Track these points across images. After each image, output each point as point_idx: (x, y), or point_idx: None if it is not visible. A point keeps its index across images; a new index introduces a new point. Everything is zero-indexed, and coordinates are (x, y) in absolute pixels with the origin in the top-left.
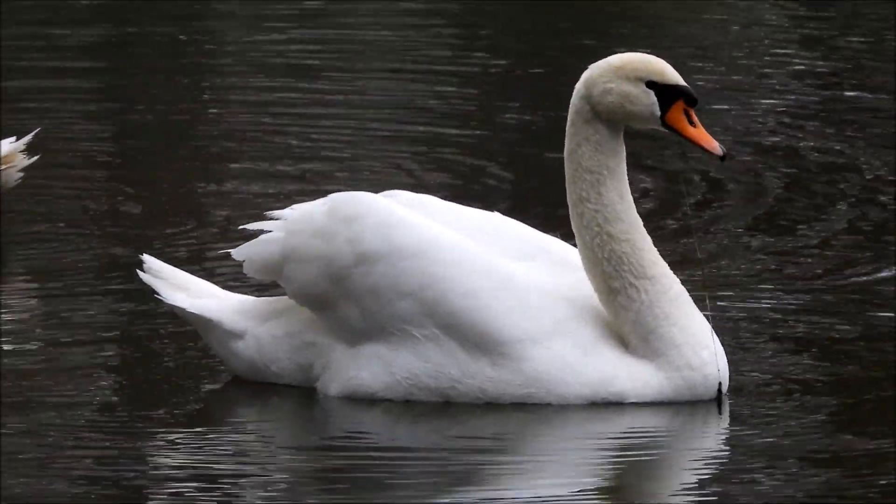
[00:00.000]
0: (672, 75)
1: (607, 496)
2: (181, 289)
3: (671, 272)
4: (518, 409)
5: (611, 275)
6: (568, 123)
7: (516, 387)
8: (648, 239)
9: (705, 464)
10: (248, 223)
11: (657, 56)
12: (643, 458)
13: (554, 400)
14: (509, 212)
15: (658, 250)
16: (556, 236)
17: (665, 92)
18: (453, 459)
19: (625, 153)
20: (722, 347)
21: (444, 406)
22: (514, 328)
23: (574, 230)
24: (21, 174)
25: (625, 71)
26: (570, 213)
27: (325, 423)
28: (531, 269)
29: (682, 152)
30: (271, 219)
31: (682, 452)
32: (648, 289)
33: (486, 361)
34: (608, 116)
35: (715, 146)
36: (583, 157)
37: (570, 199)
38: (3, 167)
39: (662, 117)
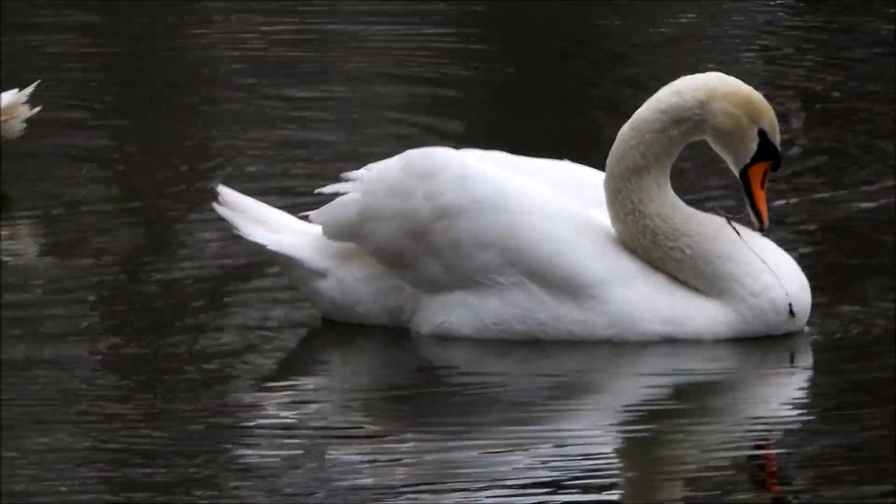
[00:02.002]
0: (777, 136)
1: (658, 432)
2: (260, 222)
3: (705, 216)
4: (603, 346)
5: (648, 248)
6: (654, 107)
7: (602, 327)
8: (680, 205)
9: (775, 404)
10: (324, 186)
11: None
12: (708, 397)
13: (636, 338)
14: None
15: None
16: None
17: (765, 146)
18: (535, 393)
19: (672, 161)
20: (793, 267)
21: (538, 347)
22: (597, 271)
23: (607, 202)
24: (24, 125)
25: (752, 108)
26: (606, 184)
27: (414, 359)
28: (606, 214)
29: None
30: (348, 180)
31: (748, 393)
32: (689, 244)
33: (572, 304)
34: (706, 129)
35: (765, 217)
36: (648, 141)
37: (613, 171)
38: (5, 118)
39: (749, 165)
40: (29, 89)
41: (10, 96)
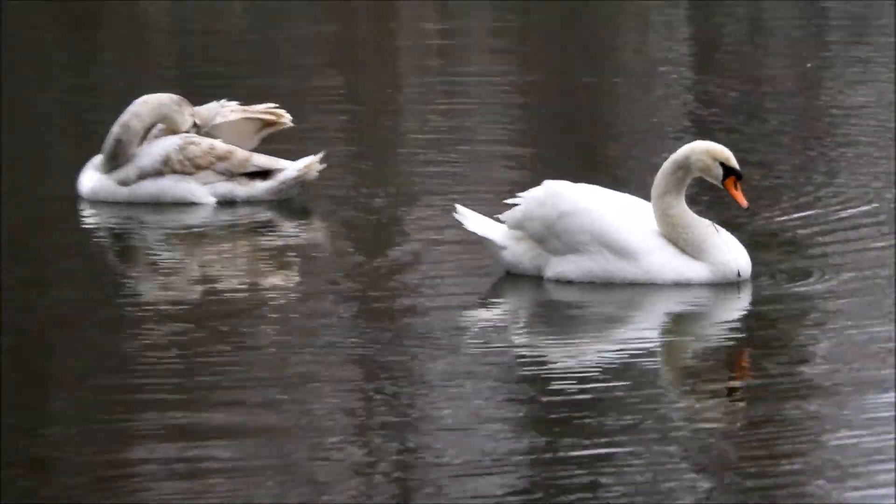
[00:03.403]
0: (733, 162)
1: (663, 331)
2: (478, 224)
3: (700, 219)
4: (640, 286)
5: (669, 230)
6: (670, 160)
7: (641, 275)
8: (687, 213)
9: (726, 321)
10: (509, 198)
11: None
12: (690, 312)
13: (658, 281)
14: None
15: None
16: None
17: (727, 169)
18: (607, 314)
19: (685, 189)
20: (743, 250)
21: (608, 285)
22: (639, 246)
23: (652, 207)
24: (317, 174)
25: (711, 153)
26: (652, 198)
27: (548, 294)
28: (646, 220)
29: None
30: (518, 197)
31: (714, 312)
32: (689, 231)
33: (626, 263)
34: (694, 171)
35: (744, 203)
36: (667, 178)
37: (653, 192)
38: (307, 171)
39: (722, 181)
40: (320, 154)
41: (309, 158)
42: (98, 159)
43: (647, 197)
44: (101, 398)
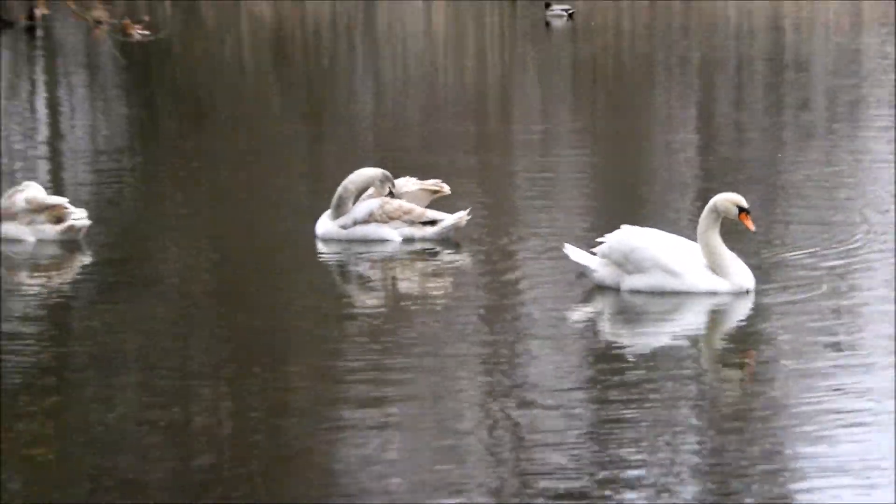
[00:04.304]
0: (744, 203)
1: (689, 327)
2: (578, 255)
3: (726, 250)
4: (686, 295)
5: (706, 254)
6: (706, 208)
7: (684, 287)
8: (720, 245)
9: (740, 319)
10: (602, 236)
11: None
12: (716, 312)
13: (697, 291)
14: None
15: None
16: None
17: (741, 209)
18: (651, 308)
19: (719, 225)
20: (750, 273)
21: (662, 294)
22: (684, 269)
23: (698, 239)
24: (465, 222)
25: (731, 200)
26: (698, 233)
27: (623, 300)
28: (686, 250)
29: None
30: (604, 237)
31: (729, 312)
32: (718, 258)
33: (674, 279)
34: (721, 213)
35: (752, 228)
36: (705, 219)
37: (698, 229)
38: (458, 223)
39: (738, 216)
40: (468, 210)
41: (461, 213)
42: (328, 213)
43: (682, 231)
44: (317, 372)
